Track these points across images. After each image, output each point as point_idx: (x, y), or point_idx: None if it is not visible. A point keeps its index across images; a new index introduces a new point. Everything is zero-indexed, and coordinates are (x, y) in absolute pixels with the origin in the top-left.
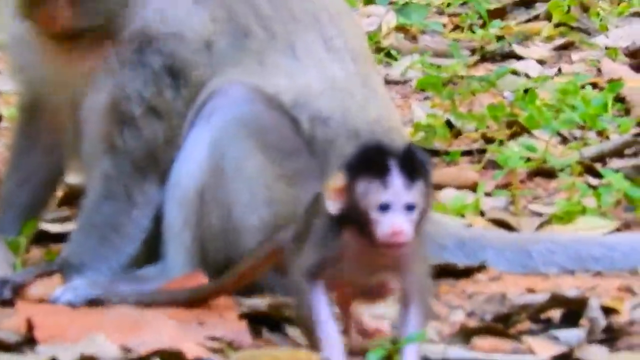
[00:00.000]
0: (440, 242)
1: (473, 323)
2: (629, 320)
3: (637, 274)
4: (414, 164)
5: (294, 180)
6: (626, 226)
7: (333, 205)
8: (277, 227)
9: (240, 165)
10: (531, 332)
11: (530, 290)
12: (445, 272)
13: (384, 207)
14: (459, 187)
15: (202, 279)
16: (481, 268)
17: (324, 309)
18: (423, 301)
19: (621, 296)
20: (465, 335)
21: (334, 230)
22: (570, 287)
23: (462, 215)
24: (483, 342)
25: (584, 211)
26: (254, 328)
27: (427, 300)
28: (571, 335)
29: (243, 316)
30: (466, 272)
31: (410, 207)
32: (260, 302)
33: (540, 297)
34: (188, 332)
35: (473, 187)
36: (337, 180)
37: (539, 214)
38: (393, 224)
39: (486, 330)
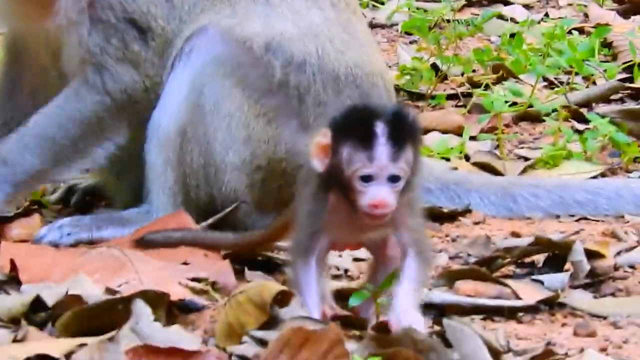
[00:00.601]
0: (425, 186)
1: (457, 266)
2: (613, 265)
3: (621, 218)
4: (402, 130)
5: (272, 119)
6: (611, 171)
7: (317, 164)
8: (257, 166)
9: (218, 104)
10: (515, 276)
11: (515, 234)
12: (430, 215)
13: (368, 179)
14: (444, 131)
15: (185, 219)
16: (465, 212)
17: (311, 288)
18: (420, 253)
19: (605, 241)
20: (449, 278)
21: (321, 192)
22: (554, 232)
23: (447, 159)
24: (467, 285)
25: (569, 156)
26: (236, 269)
27: (425, 252)
28: (555, 279)
29: (226, 257)
30: (450, 216)
31: (395, 178)
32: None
33: (524, 241)
34: (173, 273)
35: (458, 131)
36: (323, 137)
37: (524, 158)
38: (376, 196)
39: (470, 274)
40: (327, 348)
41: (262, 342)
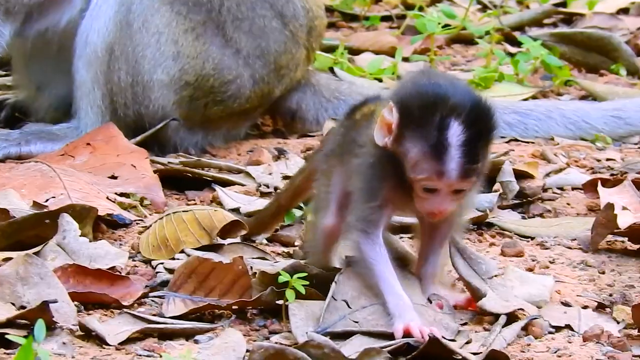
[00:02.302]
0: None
1: None
2: (542, 186)
3: (551, 141)
4: (479, 134)
5: (200, 34)
6: (543, 94)
7: (379, 138)
8: (185, 83)
9: (147, 21)
10: None
11: None
12: None
13: (432, 190)
14: (377, 52)
15: (113, 131)
16: None
17: (385, 263)
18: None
19: (535, 162)
20: None
21: (382, 164)
22: None
23: (380, 80)
24: None
25: (501, 78)
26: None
27: (460, 239)
28: (484, 199)
29: (158, 173)
30: None
31: (460, 192)
32: (174, 160)
33: None
34: (101, 188)
35: (391, 52)
36: (388, 112)
37: None
38: (436, 208)
39: None
40: (233, 279)
41: None
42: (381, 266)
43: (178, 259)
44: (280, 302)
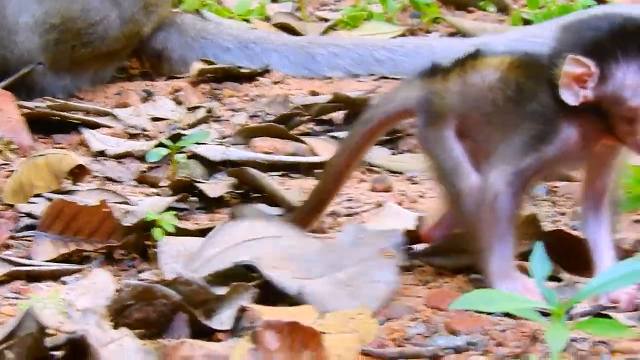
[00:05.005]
0: (223, 45)
1: (255, 124)
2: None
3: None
4: None
5: None
6: (411, 32)
7: (571, 97)
8: (51, 26)
9: None
10: (313, 134)
11: (314, 93)
12: (229, 75)
13: None
14: None
15: None
16: (265, 71)
17: (509, 226)
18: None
19: None
20: (246, 136)
21: (557, 124)
22: (353, 90)
23: (248, 21)
24: (264, 143)
25: (370, 17)
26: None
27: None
28: None
29: (24, 116)
30: (250, 76)
31: None
32: (41, 104)
33: (322, 99)
34: None
35: None
36: (575, 65)
37: (325, 20)
38: None
39: (267, 131)
40: (98, 222)
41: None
42: (506, 228)
43: (36, 202)
44: (149, 242)
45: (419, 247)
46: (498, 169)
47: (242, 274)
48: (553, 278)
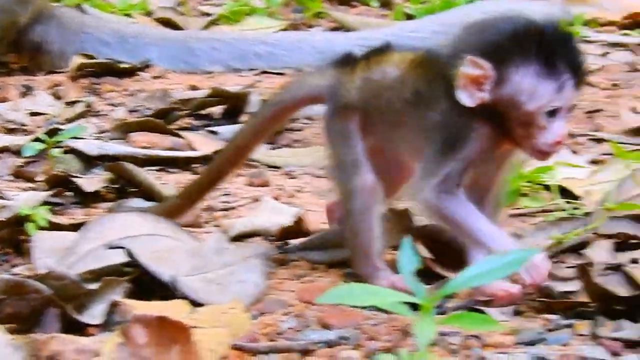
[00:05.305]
0: (103, 39)
1: (133, 119)
2: None
3: (301, 71)
4: (580, 57)
5: None
6: (294, 26)
7: (467, 98)
8: None
9: None
10: (192, 128)
11: (193, 88)
12: (109, 70)
13: (553, 113)
14: None
15: None
16: (145, 66)
17: (476, 217)
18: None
19: None
20: (124, 130)
21: (467, 123)
22: (233, 85)
23: (129, 15)
24: (142, 137)
25: (252, 11)
26: None
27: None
28: (231, 130)
29: None
30: (129, 70)
31: (570, 110)
32: None
33: (201, 93)
34: None
35: None
36: (472, 67)
37: (207, 15)
38: (560, 132)
39: (145, 125)
40: None
41: None
42: (475, 218)
43: None
44: (23, 237)
45: (294, 242)
46: (425, 186)
47: (116, 270)
48: (429, 273)
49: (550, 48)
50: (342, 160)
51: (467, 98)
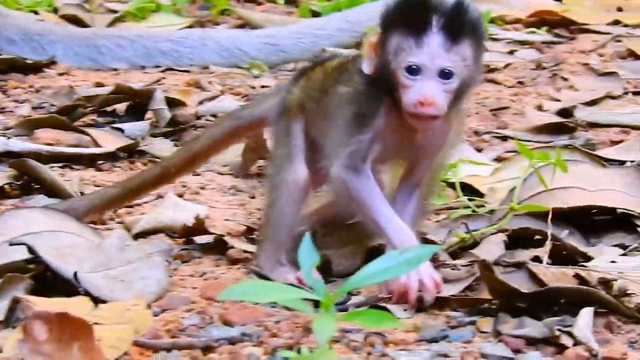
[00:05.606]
0: (7, 37)
1: (37, 116)
2: (195, 113)
3: (207, 69)
4: (460, 21)
5: None
6: (200, 23)
7: (366, 65)
8: None
9: None
10: (96, 125)
11: (99, 85)
12: (14, 67)
13: (415, 71)
14: None
15: None
16: (50, 63)
17: (378, 197)
18: (424, 200)
19: (188, 90)
20: (29, 127)
21: (373, 96)
22: (138, 82)
23: (36, 12)
24: (46, 134)
25: (158, 8)
26: None
27: (427, 202)
28: (135, 127)
29: None
30: (35, 67)
31: (446, 74)
32: None
33: (106, 90)
34: None
35: None
36: (372, 35)
37: (114, 12)
38: (422, 92)
39: (49, 122)
40: None
41: None
42: (378, 201)
43: None
44: None
45: (197, 239)
46: (335, 162)
47: (18, 266)
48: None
49: (424, 10)
50: (279, 154)
51: (365, 65)
